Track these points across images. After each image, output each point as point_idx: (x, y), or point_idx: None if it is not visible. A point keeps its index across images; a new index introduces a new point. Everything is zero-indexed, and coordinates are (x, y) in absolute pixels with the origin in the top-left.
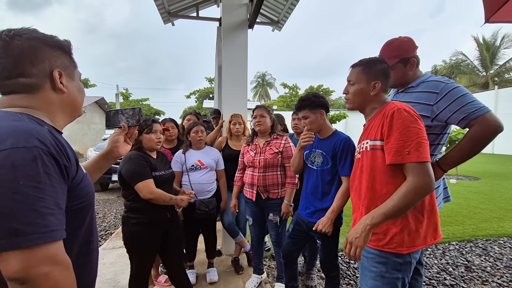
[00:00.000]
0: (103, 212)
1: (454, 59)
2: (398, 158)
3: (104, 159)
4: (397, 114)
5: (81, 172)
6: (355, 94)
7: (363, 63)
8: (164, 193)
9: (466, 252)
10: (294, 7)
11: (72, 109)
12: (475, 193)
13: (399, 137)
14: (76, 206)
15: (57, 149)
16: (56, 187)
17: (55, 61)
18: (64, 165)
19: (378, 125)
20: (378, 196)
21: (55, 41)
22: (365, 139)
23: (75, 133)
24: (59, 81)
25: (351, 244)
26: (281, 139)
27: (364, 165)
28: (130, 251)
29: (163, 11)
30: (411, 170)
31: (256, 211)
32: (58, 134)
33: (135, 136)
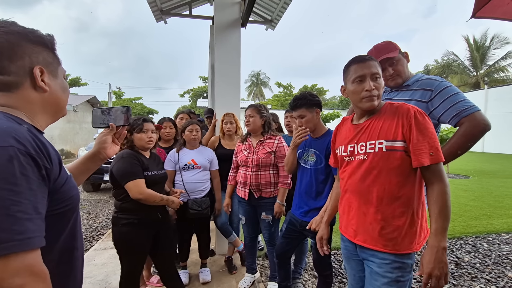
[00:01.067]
0: (95, 212)
1: (446, 59)
2: (426, 160)
3: (91, 160)
4: (419, 115)
5: (65, 174)
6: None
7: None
8: (154, 194)
9: (456, 249)
10: (287, 6)
11: (54, 109)
12: (465, 191)
13: (423, 139)
14: (59, 210)
15: (36, 149)
16: (34, 190)
17: (36, 58)
18: (44, 166)
19: (394, 125)
20: (396, 198)
21: (37, 36)
22: (374, 139)
23: (67, 132)
24: (40, 79)
25: (439, 277)
26: (274, 139)
27: (375, 166)
28: (120, 252)
29: (155, 9)
30: (436, 172)
31: (249, 210)
32: (39, 133)
33: (123, 136)
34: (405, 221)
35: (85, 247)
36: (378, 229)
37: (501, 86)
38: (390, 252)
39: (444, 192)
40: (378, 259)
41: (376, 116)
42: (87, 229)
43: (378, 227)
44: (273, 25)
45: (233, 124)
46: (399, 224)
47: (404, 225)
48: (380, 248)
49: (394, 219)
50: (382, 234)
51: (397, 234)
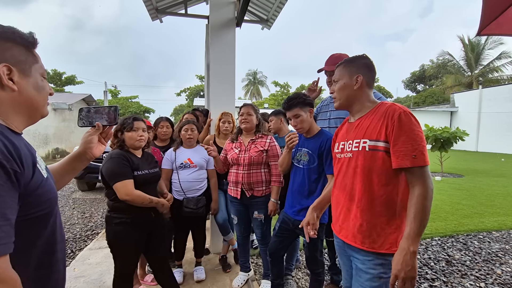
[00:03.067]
0: (90, 211)
1: (441, 59)
2: (407, 162)
3: (77, 160)
4: (404, 116)
5: (39, 176)
6: (339, 90)
7: (345, 61)
8: (143, 195)
9: (447, 247)
10: (283, 6)
11: (28, 110)
12: (458, 190)
13: (406, 140)
14: (34, 215)
15: (4, 153)
16: (1, 195)
17: (2, 55)
18: (13, 170)
19: (379, 125)
20: (376, 197)
21: (6, 32)
22: (359, 138)
23: (62, 131)
24: (7, 78)
25: (404, 279)
26: (266, 138)
27: (359, 165)
28: (114, 251)
29: (150, 7)
30: (418, 175)
31: (241, 210)
32: (13, 135)
33: (110, 136)
34: (384, 221)
35: (80, 247)
36: (357, 226)
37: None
38: (369, 250)
39: (424, 196)
40: (361, 256)
41: (366, 115)
42: (82, 229)
43: (357, 223)
44: (269, 24)
45: (231, 124)
46: (377, 223)
47: (382, 225)
48: (358, 244)
49: (372, 218)
50: (360, 231)
51: (375, 233)
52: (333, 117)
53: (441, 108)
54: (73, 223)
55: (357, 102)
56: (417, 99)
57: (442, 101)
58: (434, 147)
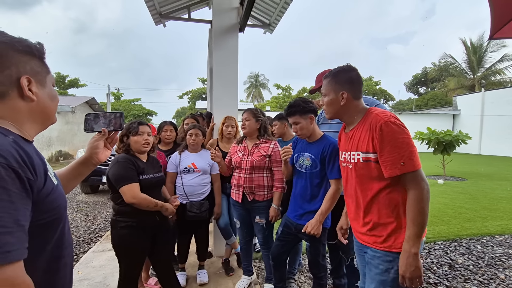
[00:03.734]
0: (93, 214)
1: (443, 62)
2: (396, 170)
3: (83, 165)
4: (385, 127)
5: (51, 184)
6: (327, 105)
7: (330, 75)
8: (149, 199)
9: (450, 251)
10: (285, 10)
11: (43, 117)
12: (461, 193)
13: (392, 150)
14: (44, 221)
15: (19, 162)
16: (15, 202)
17: (23, 67)
18: (27, 178)
19: (367, 137)
20: (379, 202)
21: (25, 45)
22: (354, 150)
23: (65, 134)
24: (27, 89)
25: (411, 279)
26: (270, 143)
27: (359, 175)
28: (119, 254)
29: (154, 12)
30: (410, 180)
31: (243, 214)
32: (25, 143)
33: (115, 141)
34: (391, 223)
35: (84, 249)
36: (368, 229)
37: (497, 89)
38: (378, 249)
39: (419, 199)
40: (372, 251)
41: (357, 126)
42: (85, 231)
43: (367, 227)
44: (271, 28)
45: (234, 128)
46: (386, 226)
47: (391, 227)
48: (371, 245)
49: (380, 221)
50: (372, 234)
51: (385, 234)
52: (334, 122)
53: (444, 111)
54: (77, 225)
55: (346, 115)
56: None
57: (444, 103)
58: (437, 150)
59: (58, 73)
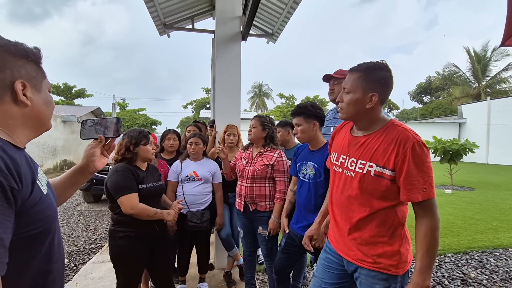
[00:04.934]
0: (95, 224)
1: (447, 71)
2: (418, 196)
3: (79, 174)
4: (418, 148)
5: (38, 193)
6: (349, 104)
7: (361, 69)
8: (147, 208)
9: (462, 265)
10: (288, 20)
11: (36, 124)
12: (470, 204)
13: (418, 173)
14: (29, 233)
15: (3, 169)
16: None
17: (18, 71)
18: (10, 187)
19: (389, 152)
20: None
21: (20, 49)
22: (365, 159)
23: (70, 143)
24: (22, 93)
25: None
26: (274, 152)
27: (360, 187)
28: (117, 266)
29: (158, 23)
30: (427, 207)
31: (246, 224)
32: (14, 150)
33: (113, 148)
34: (384, 243)
35: (83, 260)
36: (356, 245)
37: (503, 97)
38: (373, 270)
39: (435, 228)
40: (366, 270)
41: (374, 134)
42: (86, 241)
43: (355, 243)
44: (274, 38)
45: (236, 137)
46: (376, 245)
47: (383, 247)
48: (360, 263)
49: (371, 239)
50: (361, 250)
51: (375, 253)
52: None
53: (449, 119)
54: (78, 235)
55: (366, 119)
56: (424, 110)
57: (449, 112)
58: (443, 159)
59: (65, 84)
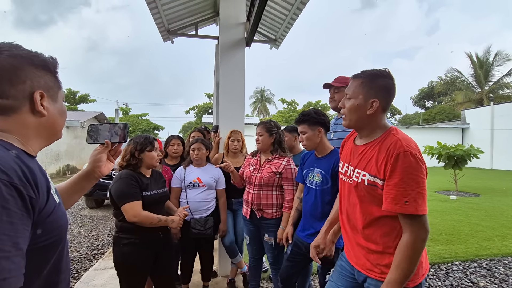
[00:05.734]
0: (97, 230)
1: (450, 76)
2: (396, 207)
3: (85, 179)
4: (403, 157)
5: (53, 202)
6: (350, 110)
7: (363, 75)
8: (150, 216)
9: (470, 273)
10: (291, 26)
11: (50, 133)
12: (476, 210)
13: (399, 183)
14: (43, 243)
15: (22, 178)
16: (15, 223)
17: (37, 82)
18: (29, 196)
19: (380, 161)
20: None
21: (40, 59)
22: (361, 168)
23: (73, 148)
24: (40, 104)
25: None
26: (283, 159)
27: (360, 196)
28: (120, 273)
29: (162, 29)
30: (408, 223)
31: (253, 230)
32: (29, 159)
33: (119, 154)
34: (390, 253)
35: (85, 267)
36: (364, 255)
37: (506, 102)
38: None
39: (411, 245)
40: (375, 281)
41: (372, 143)
42: (88, 248)
43: (363, 252)
44: (277, 44)
45: (240, 142)
46: (383, 255)
47: (389, 258)
48: (368, 273)
49: (378, 248)
50: (369, 260)
51: (382, 264)
52: (335, 138)
53: (452, 124)
54: (80, 241)
55: (367, 127)
56: (427, 115)
57: (452, 117)
58: (448, 164)
59: (69, 89)
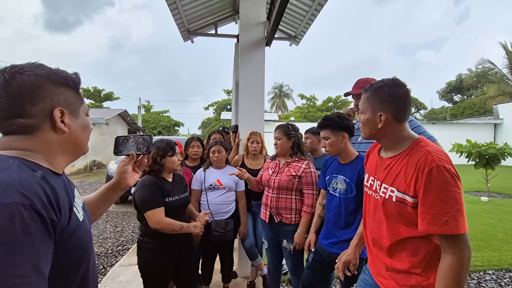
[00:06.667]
0: (122, 225)
1: (481, 68)
2: (435, 228)
3: (112, 191)
4: (436, 172)
5: (75, 221)
6: (363, 124)
7: (370, 89)
8: (173, 223)
9: (505, 284)
10: (311, 22)
11: (74, 149)
12: (510, 213)
13: (437, 202)
14: (66, 263)
15: (44, 202)
16: (36, 247)
17: (57, 99)
18: (50, 219)
19: (410, 176)
20: (403, 249)
21: (60, 76)
22: (388, 184)
23: (99, 144)
24: (60, 121)
25: None
26: (302, 163)
27: (385, 212)
28: (144, 276)
29: (183, 29)
30: (450, 243)
31: (271, 235)
32: (54, 177)
33: (144, 165)
34: (417, 274)
35: (111, 262)
36: (390, 274)
37: None
38: None
39: (457, 267)
40: None
41: (399, 156)
42: (113, 243)
43: (389, 272)
44: (297, 40)
45: (259, 144)
46: (409, 275)
47: (416, 278)
48: None
49: (403, 268)
50: (395, 279)
51: (408, 285)
52: (364, 142)
53: (483, 120)
54: (106, 237)
55: (385, 138)
56: (455, 110)
57: (483, 112)
58: (478, 163)
59: (94, 87)
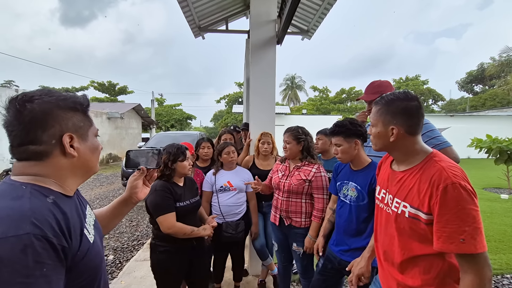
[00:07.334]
0: (137, 220)
1: (505, 56)
2: (451, 246)
3: (123, 204)
4: (452, 190)
5: (86, 243)
6: (374, 136)
7: (382, 102)
8: (184, 227)
9: None
10: (324, 16)
11: (84, 171)
12: None
13: (453, 220)
14: (78, 285)
15: (55, 230)
16: (49, 276)
17: (65, 125)
18: (61, 246)
19: (423, 192)
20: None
21: (68, 102)
22: (401, 198)
23: (114, 138)
24: (69, 145)
25: None
26: (312, 166)
27: (398, 227)
28: (157, 277)
29: (193, 26)
30: (469, 262)
31: (281, 238)
32: (65, 201)
33: (154, 178)
34: None
35: (127, 257)
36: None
37: None
38: None
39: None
40: None
41: (412, 170)
42: (129, 238)
43: (398, 286)
44: (310, 35)
45: (270, 145)
46: None
47: None
48: None
49: (415, 284)
50: None
51: None
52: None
53: (506, 112)
54: (122, 231)
55: (397, 152)
56: (475, 101)
57: (506, 104)
58: (499, 159)
59: (109, 82)
